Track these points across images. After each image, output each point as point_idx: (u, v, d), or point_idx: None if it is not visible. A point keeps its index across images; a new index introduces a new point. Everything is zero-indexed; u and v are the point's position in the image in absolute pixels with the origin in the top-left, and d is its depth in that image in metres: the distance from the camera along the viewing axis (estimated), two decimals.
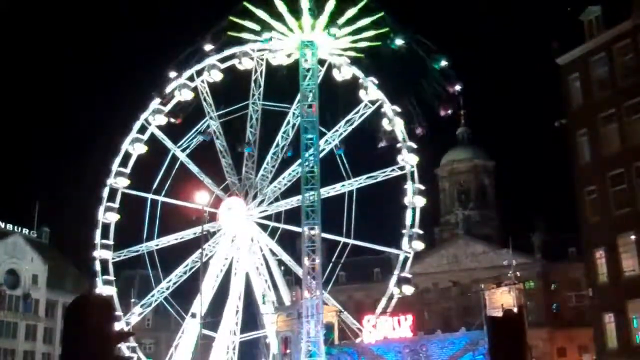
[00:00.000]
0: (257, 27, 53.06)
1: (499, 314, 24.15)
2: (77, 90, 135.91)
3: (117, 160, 57.48)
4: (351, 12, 51.67)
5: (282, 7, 52.29)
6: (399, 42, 51.63)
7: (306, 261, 48.62)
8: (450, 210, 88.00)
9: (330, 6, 51.97)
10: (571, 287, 71.70)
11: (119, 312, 53.94)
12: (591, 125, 45.70)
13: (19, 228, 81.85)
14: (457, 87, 52.30)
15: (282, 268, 57.99)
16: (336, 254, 53.29)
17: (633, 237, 42.30)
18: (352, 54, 55.09)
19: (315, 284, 48.34)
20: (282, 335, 50.97)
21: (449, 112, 52.97)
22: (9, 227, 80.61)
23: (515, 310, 31.14)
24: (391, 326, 47.52)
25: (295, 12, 52.48)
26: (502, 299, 46.25)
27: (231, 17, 53.14)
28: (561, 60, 48.32)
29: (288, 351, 49.97)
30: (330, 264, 52.80)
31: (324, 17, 52.33)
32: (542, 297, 74.43)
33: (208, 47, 54.94)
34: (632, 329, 41.96)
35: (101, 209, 56.61)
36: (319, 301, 48.10)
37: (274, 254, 56.96)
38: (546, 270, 76.43)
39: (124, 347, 51.82)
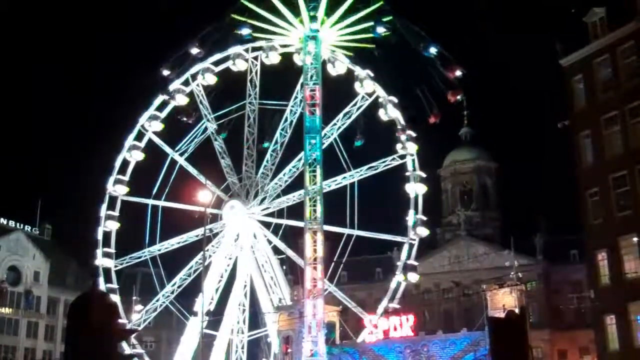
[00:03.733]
0: (259, 22, 53.38)
1: (501, 315, 24.15)
2: (78, 90, 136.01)
3: (115, 168, 57.37)
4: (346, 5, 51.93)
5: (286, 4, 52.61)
6: (380, 29, 51.08)
7: (308, 258, 48.62)
8: (452, 210, 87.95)
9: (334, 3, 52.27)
10: (573, 288, 71.58)
11: (123, 320, 52.58)
12: (594, 127, 45.58)
13: (21, 225, 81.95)
14: (458, 73, 51.69)
15: (284, 267, 58.01)
16: (340, 247, 53.19)
17: (635, 239, 42.20)
18: (349, 49, 55.27)
19: (317, 281, 48.35)
20: (284, 335, 50.96)
21: (458, 97, 52.67)
22: (11, 223, 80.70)
23: (517, 311, 31.13)
24: (392, 326, 47.56)
25: (295, 8, 52.70)
26: (503, 300, 46.28)
27: (232, 15, 53.22)
28: (565, 62, 48.20)
29: (289, 350, 49.95)
30: (333, 263, 52.87)
31: (324, 12, 52.59)
32: (543, 298, 74.39)
33: (206, 46, 54.93)
34: (633, 331, 41.87)
35: (101, 217, 56.30)
36: (320, 300, 48.10)
37: (276, 252, 56.96)
38: (548, 272, 76.38)
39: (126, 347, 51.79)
